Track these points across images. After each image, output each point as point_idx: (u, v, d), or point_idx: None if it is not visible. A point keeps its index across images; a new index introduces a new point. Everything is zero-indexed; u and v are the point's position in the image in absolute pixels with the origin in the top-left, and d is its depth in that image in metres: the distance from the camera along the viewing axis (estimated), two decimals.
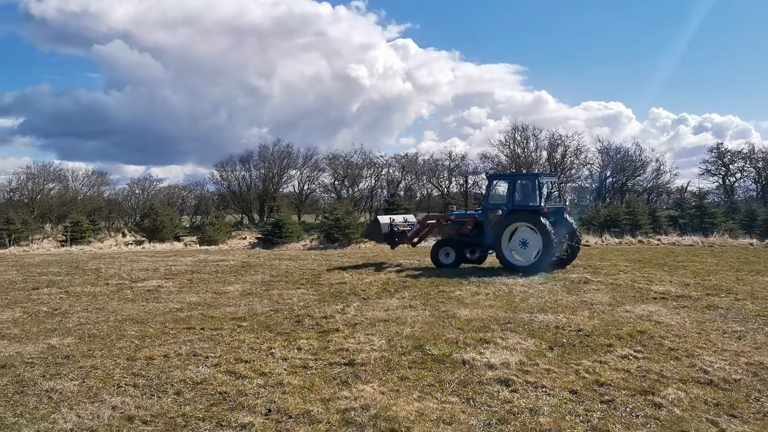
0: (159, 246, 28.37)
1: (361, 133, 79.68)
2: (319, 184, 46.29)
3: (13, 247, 26.49)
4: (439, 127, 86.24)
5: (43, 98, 79.62)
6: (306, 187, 46.40)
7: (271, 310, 10.47)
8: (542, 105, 79.65)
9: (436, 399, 5.81)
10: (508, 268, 15.31)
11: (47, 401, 5.82)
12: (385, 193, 42.54)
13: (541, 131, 43.62)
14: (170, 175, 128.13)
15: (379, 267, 17.01)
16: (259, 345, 7.96)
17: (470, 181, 44.41)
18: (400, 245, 18.88)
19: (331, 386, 6.23)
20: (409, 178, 44.95)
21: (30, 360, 7.28)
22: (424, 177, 44.95)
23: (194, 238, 30.87)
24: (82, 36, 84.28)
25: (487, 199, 16.50)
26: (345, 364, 7.01)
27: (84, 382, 6.41)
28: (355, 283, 13.61)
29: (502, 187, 16.85)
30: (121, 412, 5.48)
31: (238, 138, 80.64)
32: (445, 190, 43.77)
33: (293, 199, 45.85)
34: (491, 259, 17.09)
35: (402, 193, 42.49)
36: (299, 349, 7.74)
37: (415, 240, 18.18)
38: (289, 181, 46.80)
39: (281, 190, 46.09)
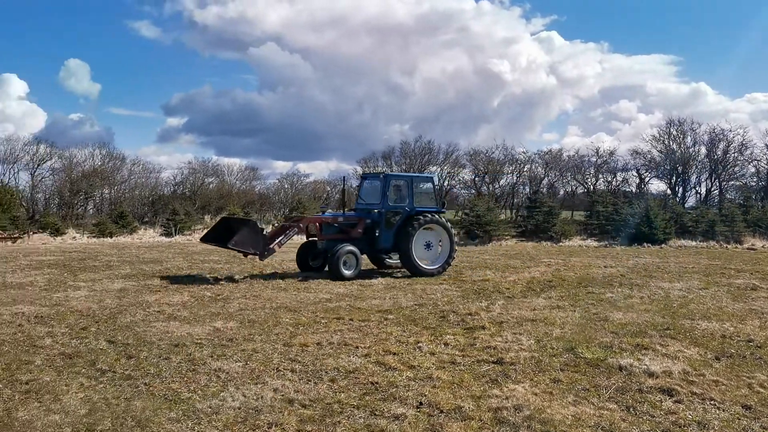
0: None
1: (502, 128, 77.95)
2: (459, 180, 46.19)
3: (178, 236, 28.89)
4: (583, 122, 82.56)
5: (204, 99, 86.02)
6: (446, 183, 46.53)
7: (415, 305, 10.59)
8: (700, 97, 73.67)
9: (593, 404, 5.56)
10: (417, 274, 14.48)
11: (216, 380, 6.26)
12: (527, 189, 41.60)
13: (699, 125, 40.58)
14: (315, 170, 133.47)
15: (522, 265, 16.65)
16: (406, 338, 8.07)
17: (619, 178, 42.31)
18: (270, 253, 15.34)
19: (480, 384, 6.16)
20: (552, 175, 43.55)
21: (199, 341, 7.88)
22: (569, 174, 43.34)
23: None
24: (239, 40, 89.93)
25: (384, 200, 14.88)
26: (493, 363, 6.92)
27: (247, 364, 6.84)
28: (498, 281, 13.42)
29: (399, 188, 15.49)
30: (282, 395, 5.77)
31: (380, 134, 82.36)
32: (591, 187, 41.89)
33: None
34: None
35: (545, 190, 41.29)
36: (446, 344, 7.75)
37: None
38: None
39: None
